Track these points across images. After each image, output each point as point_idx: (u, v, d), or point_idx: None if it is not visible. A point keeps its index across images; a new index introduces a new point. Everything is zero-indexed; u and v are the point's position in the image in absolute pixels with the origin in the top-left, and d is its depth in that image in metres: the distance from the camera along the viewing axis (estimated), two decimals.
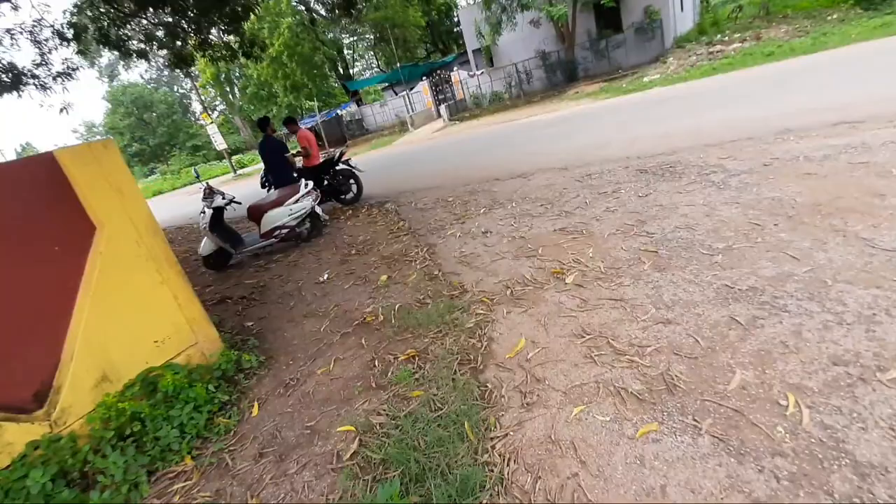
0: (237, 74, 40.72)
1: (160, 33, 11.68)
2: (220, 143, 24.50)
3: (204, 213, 5.36)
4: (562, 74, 17.38)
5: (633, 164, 5.11)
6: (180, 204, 19.28)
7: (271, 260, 5.53)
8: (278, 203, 5.58)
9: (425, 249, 4.31)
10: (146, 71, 48.66)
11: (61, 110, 9.64)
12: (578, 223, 3.84)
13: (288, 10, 22.44)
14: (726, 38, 14.65)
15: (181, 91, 52.40)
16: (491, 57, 19.57)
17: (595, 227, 3.65)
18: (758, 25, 15.29)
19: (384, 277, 3.92)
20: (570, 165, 5.89)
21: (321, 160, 7.27)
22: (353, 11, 9.87)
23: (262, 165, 7.12)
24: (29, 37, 10.55)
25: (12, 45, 10.54)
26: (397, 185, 8.13)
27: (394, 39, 28.83)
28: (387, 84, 26.46)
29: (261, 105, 38.75)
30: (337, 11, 10.13)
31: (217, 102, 48.92)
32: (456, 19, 35.80)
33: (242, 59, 13.64)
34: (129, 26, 11.65)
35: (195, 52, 12.49)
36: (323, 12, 26.67)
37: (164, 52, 12.42)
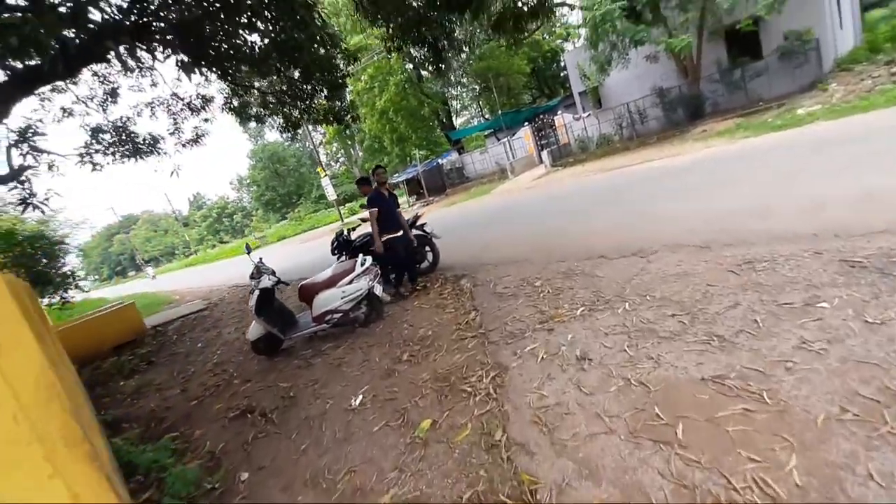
0: (356, 129, 44.35)
1: (273, 100, 12.43)
2: (331, 194, 26.14)
3: (252, 292, 4.73)
4: (684, 111, 15.10)
5: (830, 248, 3.28)
6: (292, 253, 20.48)
7: (320, 350, 4.66)
8: (331, 283, 4.75)
9: (492, 376, 2.99)
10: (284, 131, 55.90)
11: (171, 173, 10.14)
12: (749, 370, 2.22)
13: (398, 68, 23.52)
14: None
15: (311, 147, 59.08)
16: (598, 98, 18.04)
17: (787, 389, 2.02)
18: None
19: (426, 424, 2.68)
20: (712, 242, 4.16)
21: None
22: (441, 66, 9.37)
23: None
24: (165, 109, 11.86)
25: (151, 116, 11.90)
26: (481, 251, 6.98)
27: (497, 88, 28.82)
28: (489, 131, 26.24)
29: (374, 156, 41.42)
30: (431, 68, 9.73)
31: (339, 155, 53.94)
32: (562, 64, 35.03)
33: (335, 125, 14.13)
34: (245, 96, 12.59)
35: (300, 117, 13.12)
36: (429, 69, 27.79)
37: (276, 117, 13.19)
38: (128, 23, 7.57)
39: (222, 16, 8.39)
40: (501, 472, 2.08)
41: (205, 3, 8.21)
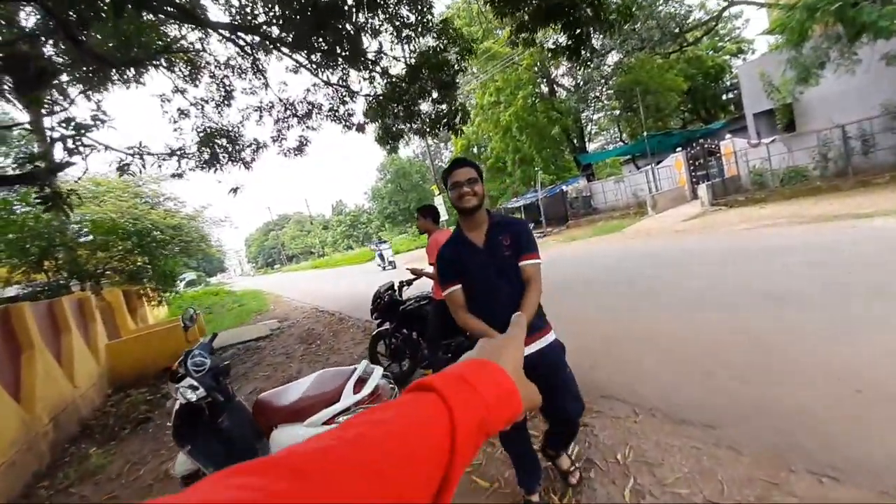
0: (483, 147, 43.24)
1: (375, 105, 11.11)
2: (443, 214, 24.86)
3: (176, 399, 2.78)
4: None
5: None
6: (392, 273, 19.38)
7: None
8: (298, 413, 2.56)
9: None
10: (417, 146, 57.77)
11: (231, 191, 9.11)
12: None
13: (528, 80, 21.27)
14: None
15: (440, 164, 60.12)
16: (790, 119, 13.44)
17: None
18: None
19: None
20: None
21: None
22: (580, 54, 6.84)
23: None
24: (270, 115, 11.25)
25: (259, 122, 11.38)
26: (603, 354, 4.18)
27: (644, 108, 24.77)
28: (628, 157, 22.44)
29: (497, 176, 39.69)
30: (570, 59, 7.29)
31: None
32: (729, 82, 29.23)
33: (441, 133, 12.40)
34: (352, 101, 11.49)
35: (404, 127, 11.64)
36: (566, 83, 25.01)
37: (377, 126, 11.89)
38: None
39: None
40: None
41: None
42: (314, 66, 10.45)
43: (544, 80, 23.38)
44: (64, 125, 5.25)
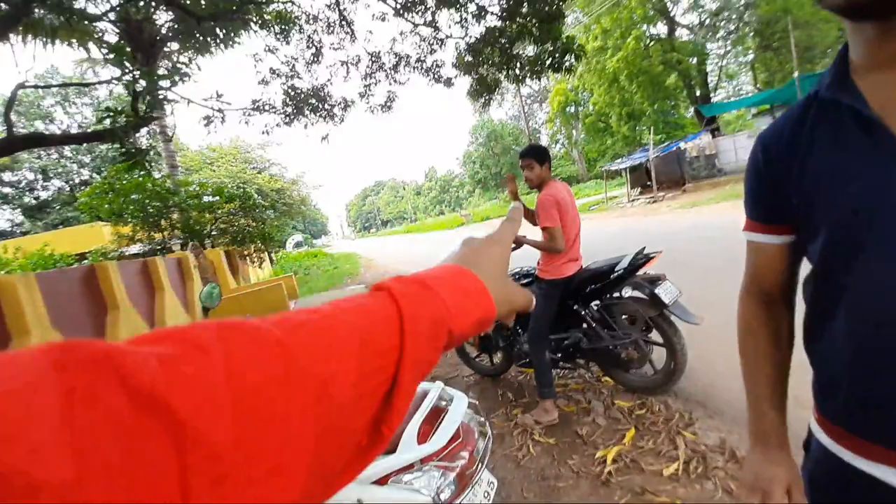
0: (583, 103, 39.90)
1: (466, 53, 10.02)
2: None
3: None
4: None
5: None
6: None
7: None
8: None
9: None
10: (510, 108, 55.29)
11: (322, 139, 8.69)
12: None
13: (642, 16, 18.30)
14: None
15: (534, 126, 57.05)
16: None
17: None
18: None
19: None
20: None
21: (573, 268, 3.00)
22: None
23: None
24: (357, 69, 10.69)
25: (346, 78, 10.91)
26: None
27: (786, 47, 20.22)
28: (767, 107, 18.55)
29: (597, 136, 36.39)
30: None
31: (560, 135, 50.28)
32: None
33: (551, 76, 10.87)
34: (437, 54, 10.51)
35: (500, 75, 10.41)
36: (687, 21, 21.25)
37: (471, 78, 10.80)
38: None
39: None
40: None
41: None
42: (400, 7, 9.58)
43: (662, 17, 20.01)
44: (145, 77, 4.98)
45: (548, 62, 9.12)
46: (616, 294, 2.89)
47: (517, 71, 9.85)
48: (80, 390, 0.15)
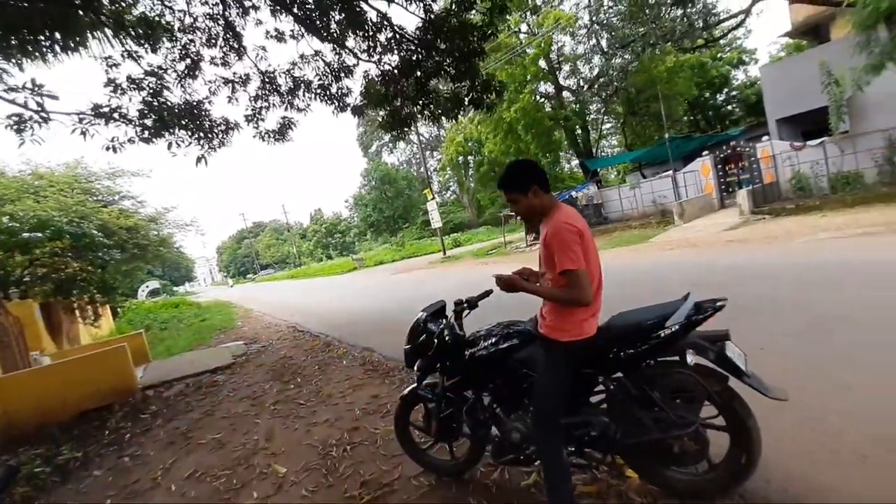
0: (474, 154, 41.61)
1: (378, 84, 9.05)
2: (436, 221, 22.90)
3: None
4: None
5: None
6: (374, 286, 17.03)
7: None
8: None
9: None
10: (401, 154, 55.84)
11: (198, 161, 6.62)
12: None
13: (534, 74, 19.52)
14: None
15: (422, 167, 58.09)
16: (841, 116, 11.98)
17: None
18: None
19: None
20: None
21: (595, 325, 2.06)
22: None
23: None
24: (245, 90, 8.99)
25: (231, 99, 9.09)
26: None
27: (649, 114, 23.44)
28: (637, 165, 20.94)
29: (489, 186, 37.93)
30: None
31: (451, 183, 51.78)
32: (740, 90, 28.44)
33: (469, 116, 10.50)
34: (346, 77, 9.39)
35: (415, 109, 9.61)
36: (570, 84, 23.46)
37: (383, 112, 9.81)
38: None
39: None
40: None
41: None
42: (302, 28, 8.34)
43: (551, 77, 21.73)
44: None
45: (468, 99, 8.59)
46: (660, 360, 2.02)
47: (433, 107, 9.17)
48: None
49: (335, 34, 8.43)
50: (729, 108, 28.62)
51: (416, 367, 2.47)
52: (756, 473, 1.95)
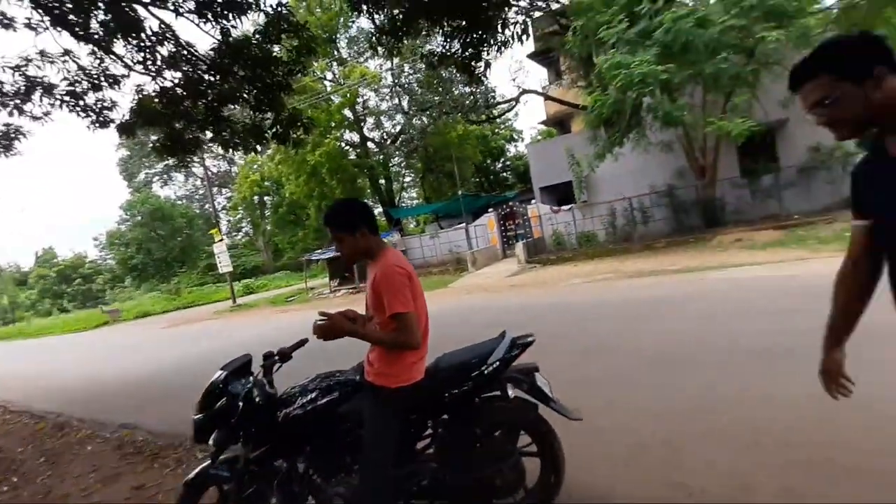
0: (272, 196, 38.90)
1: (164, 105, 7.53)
2: (225, 266, 20.09)
3: None
4: (698, 216, 12.94)
5: None
6: (137, 346, 13.47)
7: None
8: None
9: None
10: (179, 188, 48.06)
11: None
12: None
13: (339, 123, 19.62)
14: None
15: (215, 210, 50.78)
16: (582, 189, 15.58)
17: None
18: None
19: None
20: None
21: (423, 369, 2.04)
22: (477, 65, 5.63)
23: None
24: None
25: None
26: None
27: (443, 173, 26.22)
28: (436, 216, 22.88)
29: (287, 229, 35.73)
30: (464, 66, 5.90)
31: (243, 225, 46.89)
32: (512, 161, 34.27)
33: (269, 153, 9.57)
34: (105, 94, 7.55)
35: (202, 136, 8.31)
36: (375, 136, 24.46)
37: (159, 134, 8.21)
38: None
39: None
40: None
41: None
42: (46, 18, 6.39)
43: (356, 126, 22.24)
44: None
45: (271, 132, 7.83)
46: (483, 396, 2.12)
47: (226, 135, 8.09)
48: None
49: (96, 35, 6.70)
50: (505, 174, 34.41)
51: (211, 441, 2.02)
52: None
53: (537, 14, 15.01)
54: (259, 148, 8.49)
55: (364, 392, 2.00)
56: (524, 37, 7.15)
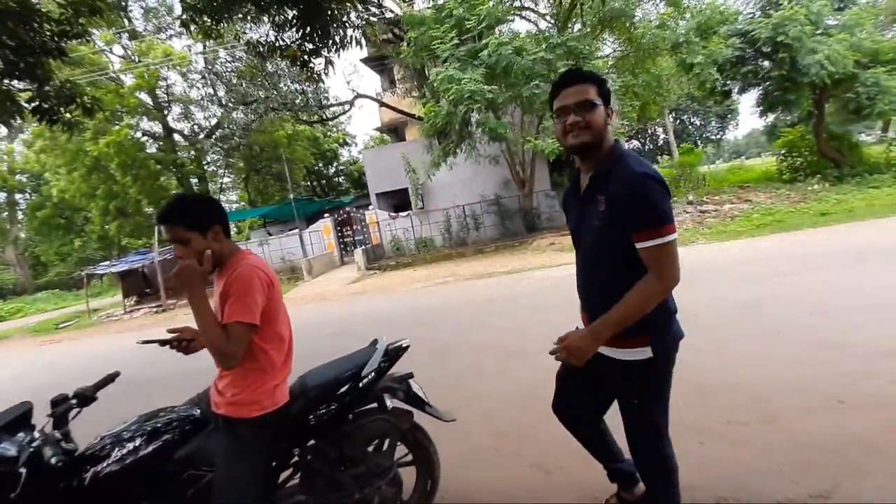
0: (28, 195, 30.16)
1: None
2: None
3: None
4: (521, 223, 14.55)
5: None
6: None
7: None
8: None
9: None
10: None
11: None
12: None
13: (135, 108, 16.15)
14: (716, 196, 13.50)
15: None
16: (419, 196, 16.05)
17: None
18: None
19: None
20: None
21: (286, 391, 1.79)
22: (323, 53, 5.11)
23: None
24: None
25: None
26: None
27: (271, 174, 24.14)
28: (263, 221, 20.70)
29: (55, 237, 28.18)
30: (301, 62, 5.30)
31: None
32: (346, 165, 33.38)
33: (25, 138, 7.15)
34: None
35: None
36: (183, 128, 20.99)
37: None
38: None
39: None
40: None
41: None
42: None
43: (158, 115, 18.63)
44: None
45: (33, 105, 5.87)
46: (358, 411, 1.98)
47: None
48: None
49: None
50: (339, 179, 33.38)
51: None
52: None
53: (373, 19, 14.95)
54: (6, 125, 6.29)
55: (211, 428, 1.68)
56: (363, 40, 6.92)
